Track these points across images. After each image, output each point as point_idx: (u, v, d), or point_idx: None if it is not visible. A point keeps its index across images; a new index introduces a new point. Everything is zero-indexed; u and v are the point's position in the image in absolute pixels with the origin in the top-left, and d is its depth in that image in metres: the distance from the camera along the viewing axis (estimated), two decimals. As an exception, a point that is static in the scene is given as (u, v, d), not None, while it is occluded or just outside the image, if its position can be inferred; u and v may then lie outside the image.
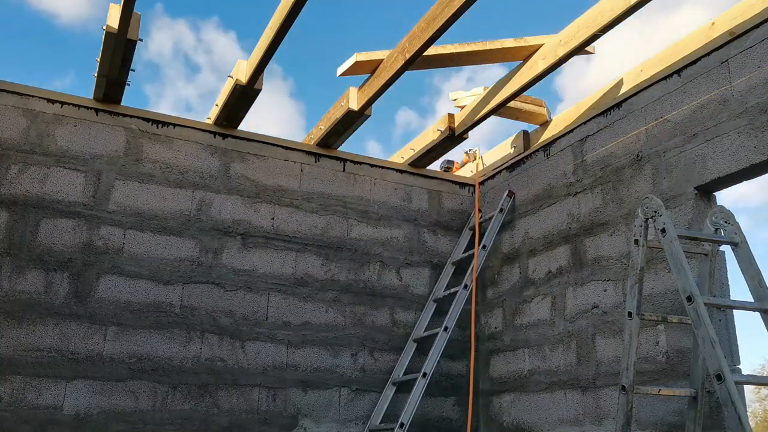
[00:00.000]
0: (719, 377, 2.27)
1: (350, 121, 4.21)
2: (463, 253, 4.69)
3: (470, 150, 5.21)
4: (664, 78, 3.48)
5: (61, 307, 3.57)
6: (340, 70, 3.93)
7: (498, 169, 4.75)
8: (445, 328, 4.15)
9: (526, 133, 4.66)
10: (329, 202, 4.44)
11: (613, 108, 3.79)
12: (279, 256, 4.19)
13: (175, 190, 4.01)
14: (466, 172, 5.17)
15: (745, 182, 3.13)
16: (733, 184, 3.17)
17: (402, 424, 3.84)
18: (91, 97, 3.91)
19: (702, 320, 2.40)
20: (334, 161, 4.55)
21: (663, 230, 2.66)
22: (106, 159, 3.88)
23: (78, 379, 3.52)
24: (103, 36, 3.39)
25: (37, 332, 3.49)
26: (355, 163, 4.62)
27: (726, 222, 2.86)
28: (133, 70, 3.69)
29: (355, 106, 4.08)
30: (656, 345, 3.25)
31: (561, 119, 4.35)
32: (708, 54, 3.25)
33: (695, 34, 3.37)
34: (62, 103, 3.84)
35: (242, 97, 3.94)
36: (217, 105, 4.12)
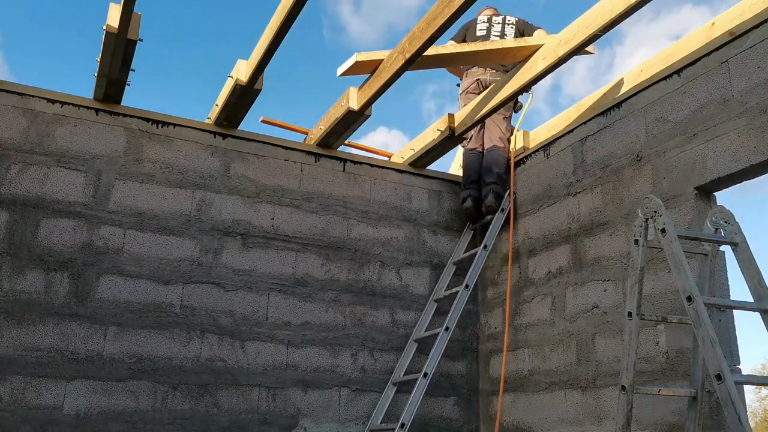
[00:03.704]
0: (719, 377, 2.27)
1: (350, 121, 4.21)
2: (464, 253, 4.69)
3: None
4: (664, 78, 3.48)
5: (61, 307, 3.57)
6: (340, 70, 3.92)
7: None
8: (446, 329, 4.14)
9: (526, 133, 4.66)
10: (329, 202, 4.44)
11: (613, 108, 3.79)
12: (279, 256, 4.19)
13: (175, 190, 4.01)
14: None
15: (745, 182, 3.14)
16: (733, 184, 3.17)
17: (403, 425, 3.84)
18: (91, 97, 3.91)
19: (702, 320, 2.40)
20: (334, 161, 4.55)
21: (663, 230, 2.66)
22: (106, 159, 3.88)
23: (78, 379, 3.52)
24: (103, 36, 3.39)
25: (37, 332, 3.49)
26: (355, 163, 4.62)
27: (726, 222, 2.86)
28: (133, 70, 3.70)
29: (355, 106, 4.08)
30: (656, 345, 3.25)
31: (561, 119, 4.34)
32: (708, 54, 3.25)
33: (695, 34, 3.37)
34: (62, 103, 3.84)
35: (242, 97, 3.94)
36: (217, 105, 4.12)
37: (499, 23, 4.89)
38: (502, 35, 4.82)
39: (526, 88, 3.84)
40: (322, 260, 4.32)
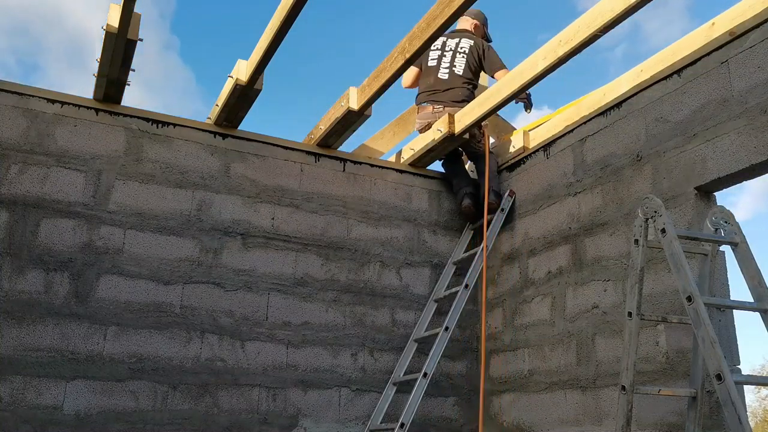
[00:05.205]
0: (719, 377, 2.27)
1: (350, 121, 4.21)
2: (464, 253, 4.69)
3: None
4: (664, 78, 3.48)
5: (61, 307, 3.57)
6: None
7: (498, 169, 4.74)
8: (446, 328, 4.15)
9: (526, 133, 4.65)
10: (329, 202, 4.44)
11: (613, 108, 3.79)
12: (279, 256, 4.19)
13: (175, 190, 4.01)
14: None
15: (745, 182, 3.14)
16: (733, 184, 3.17)
17: (402, 425, 3.84)
18: (91, 97, 3.91)
19: (702, 320, 2.40)
20: (334, 161, 4.55)
21: (663, 230, 2.66)
22: (106, 159, 3.88)
23: (78, 379, 3.52)
24: (103, 36, 3.39)
25: (37, 332, 3.49)
26: (355, 163, 4.62)
27: (726, 222, 2.86)
28: (133, 70, 3.69)
29: (355, 105, 4.08)
30: (656, 345, 3.25)
31: (561, 119, 4.34)
32: (708, 54, 3.24)
33: (695, 35, 3.37)
34: (62, 103, 3.84)
35: (242, 97, 3.94)
36: (217, 105, 4.12)
37: (450, 50, 4.71)
38: (451, 67, 4.68)
39: (525, 88, 3.84)
40: (322, 260, 4.32)
